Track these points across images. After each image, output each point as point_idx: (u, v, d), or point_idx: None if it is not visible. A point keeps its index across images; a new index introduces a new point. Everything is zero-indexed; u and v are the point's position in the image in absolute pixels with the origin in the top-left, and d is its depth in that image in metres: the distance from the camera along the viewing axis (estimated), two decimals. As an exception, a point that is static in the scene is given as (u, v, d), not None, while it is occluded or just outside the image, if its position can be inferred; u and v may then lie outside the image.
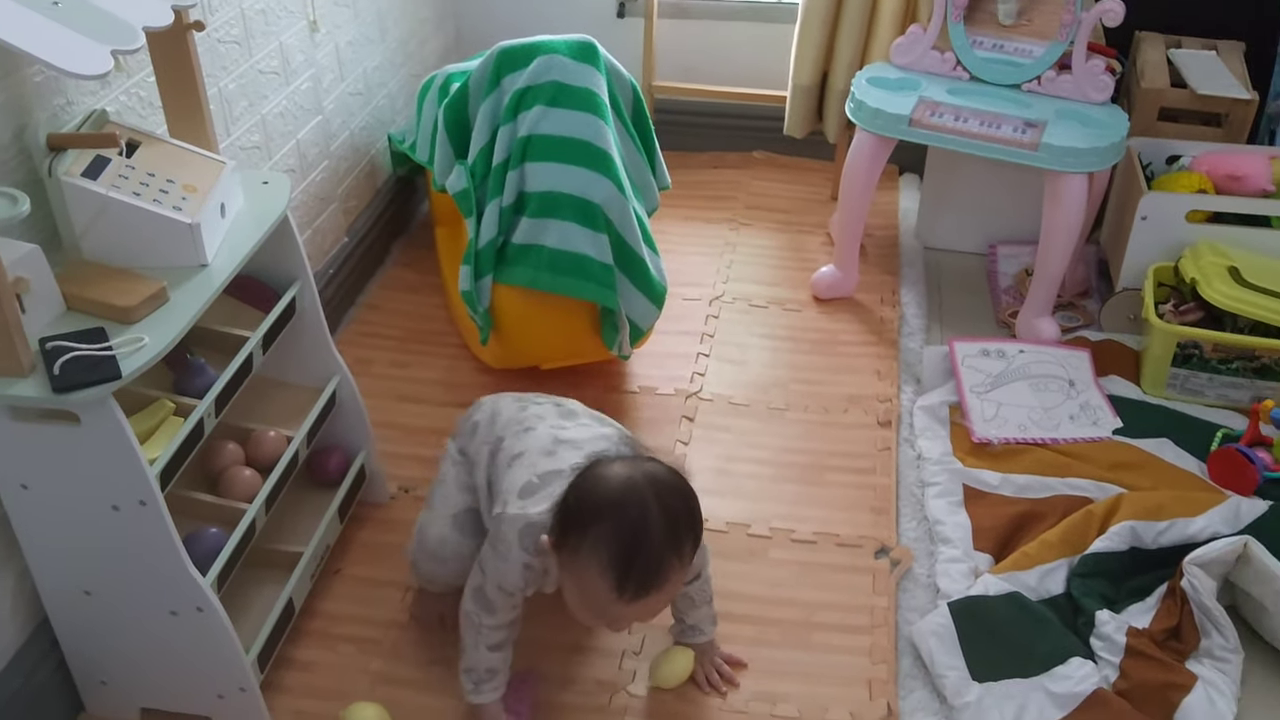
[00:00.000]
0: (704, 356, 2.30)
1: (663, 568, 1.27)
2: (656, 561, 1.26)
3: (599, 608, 1.31)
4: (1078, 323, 2.42)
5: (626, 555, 1.25)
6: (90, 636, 1.49)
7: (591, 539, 1.27)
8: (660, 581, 1.27)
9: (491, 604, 1.44)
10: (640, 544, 1.25)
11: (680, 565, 1.30)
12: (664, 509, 1.27)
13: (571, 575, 1.32)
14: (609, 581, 1.26)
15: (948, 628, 1.65)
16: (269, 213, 1.57)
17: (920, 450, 2.05)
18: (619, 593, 1.26)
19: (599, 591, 1.28)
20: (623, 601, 1.27)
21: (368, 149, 2.49)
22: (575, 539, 1.29)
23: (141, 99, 1.63)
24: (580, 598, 1.33)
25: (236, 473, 1.63)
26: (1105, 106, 2.24)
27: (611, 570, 1.25)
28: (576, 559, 1.29)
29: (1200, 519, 1.77)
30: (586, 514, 1.29)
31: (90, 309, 1.34)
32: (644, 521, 1.26)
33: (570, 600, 1.35)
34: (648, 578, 1.26)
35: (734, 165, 3.03)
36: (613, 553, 1.25)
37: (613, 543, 1.25)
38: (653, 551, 1.26)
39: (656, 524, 1.26)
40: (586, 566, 1.28)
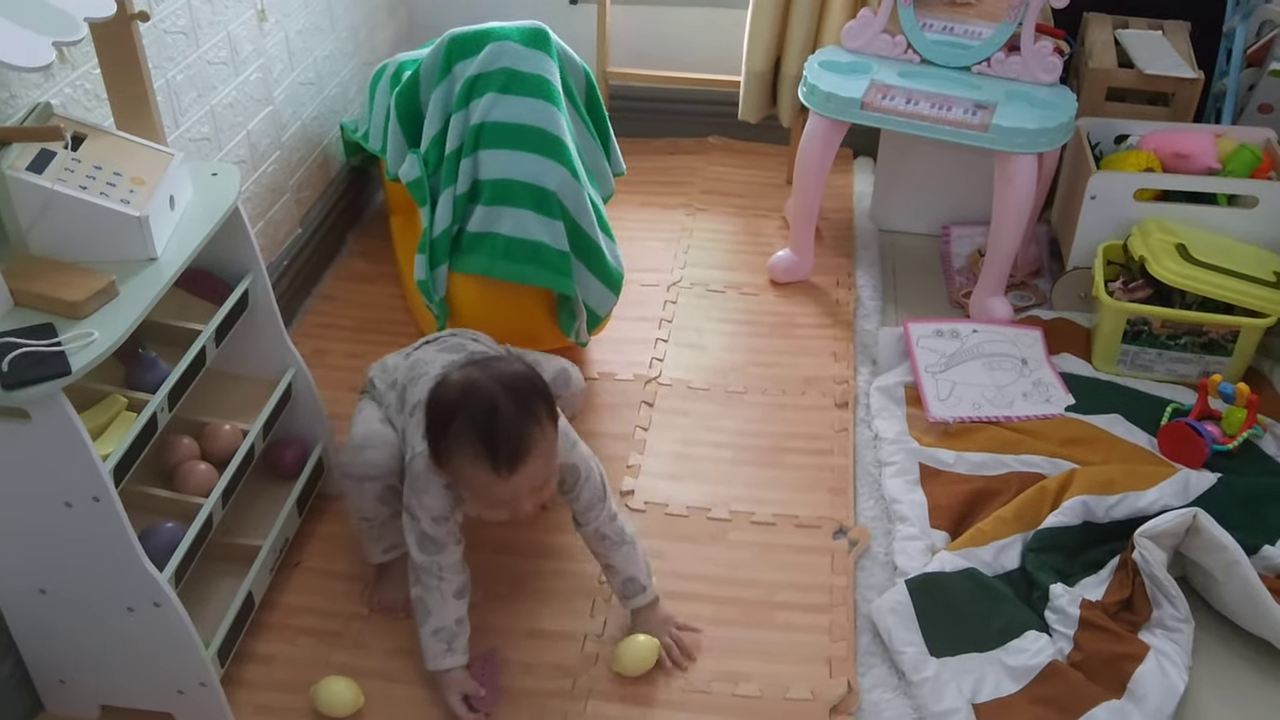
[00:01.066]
0: (662, 342, 2.31)
1: (524, 435, 1.39)
2: (515, 431, 1.38)
3: (492, 495, 1.42)
4: (1030, 302, 2.45)
5: (486, 435, 1.38)
6: (47, 635, 1.47)
7: (454, 436, 1.40)
8: (528, 448, 1.39)
9: (437, 541, 1.52)
10: (493, 419, 1.38)
11: (542, 432, 1.41)
12: (505, 388, 1.40)
13: (459, 479, 1.45)
14: (483, 464, 1.38)
15: (905, 605, 1.68)
16: (219, 204, 1.55)
17: (877, 430, 2.07)
18: (495, 470, 1.38)
19: (481, 479, 1.40)
20: (503, 478, 1.39)
21: (320, 139, 2.47)
22: (444, 445, 1.42)
23: (87, 91, 1.61)
24: (474, 495, 1.45)
25: (192, 467, 1.62)
26: (1054, 87, 2.27)
27: (481, 454, 1.38)
28: (453, 461, 1.42)
29: (1151, 492, 1.81)
30: (443, 419, 1.41)
31: (38, 304, 1.32)
32: (491, 401, 1.39)
33: (472, 505, 1.49)
34: (514, 446, 1.38)
35: (689, 151, 3.04)
36: (474, 438, 1.38)
37: (470, 430, 1.38)
38: (509, 422, 1.38)
39: (502, 400, 1.39)
40: (462, 463, 1.40)
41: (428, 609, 1.54)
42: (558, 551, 1.81)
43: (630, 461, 2.00)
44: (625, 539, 1.63)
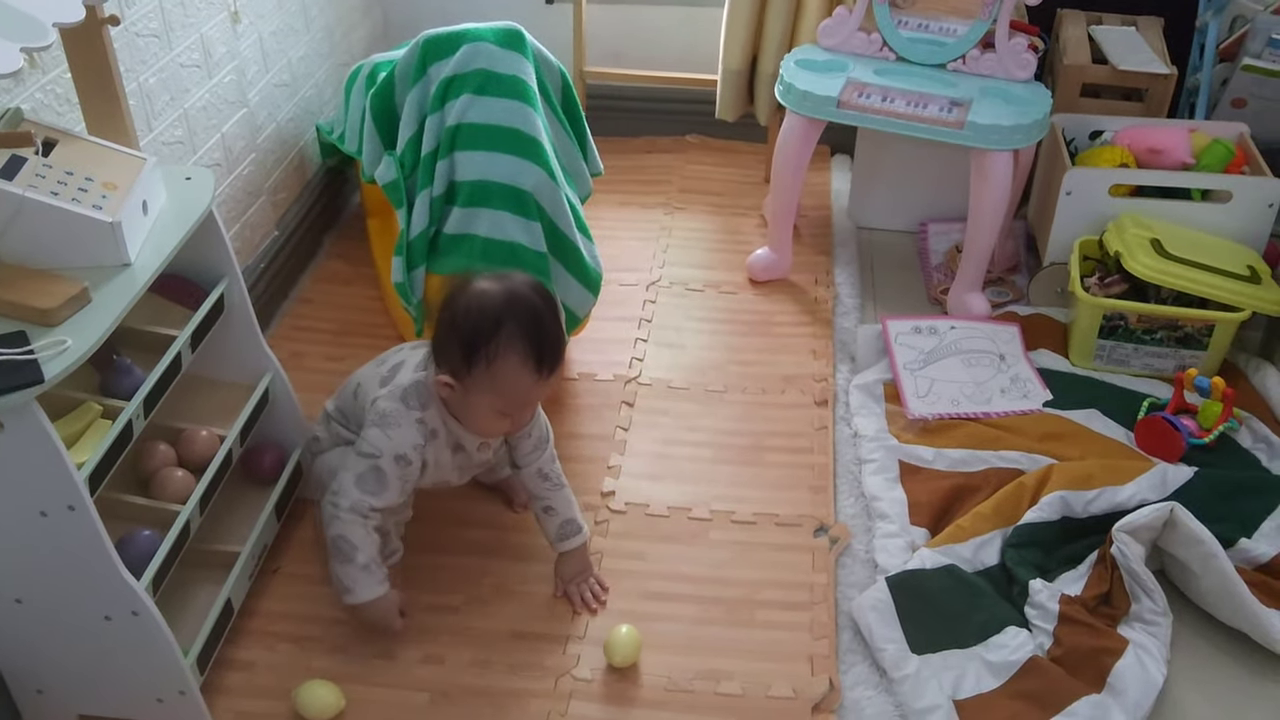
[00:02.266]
0: (642, 341, 2.31)
1: (562, 338, 1.52)
2: (558, 334, 1.51)
3: (526, 397, 1.53)
4: (1007, 298, 2.46)
5: (538, 340, 1.47)
6: (24, 645, 1.46)
7: (505, 340, 1.46)
8: (564, 350, 1.53)
9: (385, 479, 1.55)
10: (541, 324, 1.48)
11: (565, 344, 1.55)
12: (545, 300, 1.51)
13: (483, 389, 1.50)
14: (529, 366, 1.48)
15: (886, 602, 1.68)
16: (193, 209, 1.54)
17: (856, 428, 2.08)
18: (539, 371, 1.49)
19: (525, 381, 1.49)
20: (543, 379, 1.50)
21: (296, 140, 2.46)
22: (485, 351, 1.47)
23: (58, 95, 1.60)
24: (494, 401, 1.51)
25: (168, 474, 1.61)
26: (1028, 84, 2.28)
27: (529, 356, 1.47)
28: (491, 368, 1.47)
29: (1128, 487, 1.82)
30: (488, 326, 1.47)
31: (9, 312, 1.31)
32: (535, 307, 1.49)
33: (477, 417, 1.55)
34: (556, 349, 1.50)
35: (667, 149, 3.04)
36: (525, 342, 1.47)
37: (521, 334, 1.46)
38: (552, 330, 1.50)
39: (543, 311, 1.50)
40: (506, 366, 1.47)
41: (354, 545, 1.56)
42: (540, 554, 1.81)
43: (611, 462, 2.00)
44: (563, 482, 1.72)
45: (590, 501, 1.91)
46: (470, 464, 1.68)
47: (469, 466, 1.69)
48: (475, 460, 1.67)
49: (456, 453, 1.63)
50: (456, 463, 1.65)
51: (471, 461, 1.67)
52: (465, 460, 1.66)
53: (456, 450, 1.63)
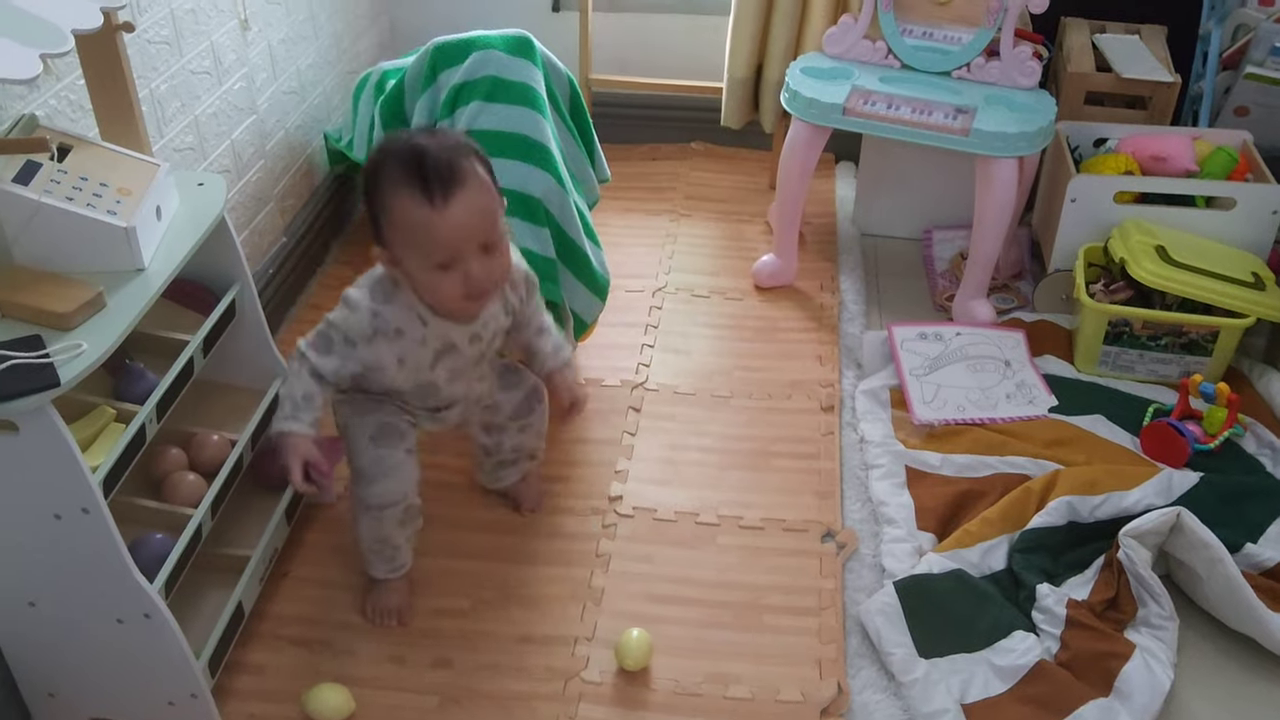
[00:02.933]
0: (648, 347, 2.32)
1: (454, 165, 1.38)
2: (445, 160, 1.37)
3: (433, 239, 1.39)
4: (1012, 304, 2.47)
5: (415, 164, 1.37)
6: (36, 648, 1.47)
7: (387, 184, 1.39)
8: (460, 175, 1.38)
9: (330, 346, 1.51)
10: (421, 153, 1.37)
11: (473, 168, 1.40)
12: (426, 132, 1.44)
13: (403, 246, 1.41)
14: (416, 195, 1.36)
15: (894, 606, 1.69)
16: (205, 214, 1.56)
17: (863, 433, 2.09)
18: (429, 199, 1.36)
19: (418, 216, 1.37)
20: (439, 210, 1.37)
21: (304, 148, 2.47)
22: (380, 203, 1.40)
23: (71, 102, 1.61)
24: (420, 257, 1.41)
25: (180, 478, 1.62)
26: (1033, 92, 2.29)
27: (412, 183, 1.36)
28: (391, 219, 1.40)
29: (1134, 492, 1.83)
30: (372, 178, 1.41)
31: (26, 316, 1.32)
32: (413, 139, 1.40)
33: (425, 284, 1.45)
34: (444, 173, 1.37)
35: (672, 156, 3.05)
36: (403, 170, 1.37)
37: (398, 166, 1.38)
38: (435, 154, 1.37)
39: (426, 138, 1.40)
40: (398, 209, 1.38)
41: (289, 389, 1.51)
42: (547, 557, 1.82)
43: (618, 467, 2.00)
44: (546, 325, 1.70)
45: (598, 505, 1.92)
46: (465, 364, 1.59)
47: (465, 368, 1.60)
48: (468, 358, 1.58)
49: (446, 354, 1.56)
50: (448, 365, 1.57)
51: (465, 360, 1.58)
52: (458, 361, 1.57)
53: (446, 351, 1.55)
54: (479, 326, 1.56)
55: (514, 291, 1.61)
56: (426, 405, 1.66)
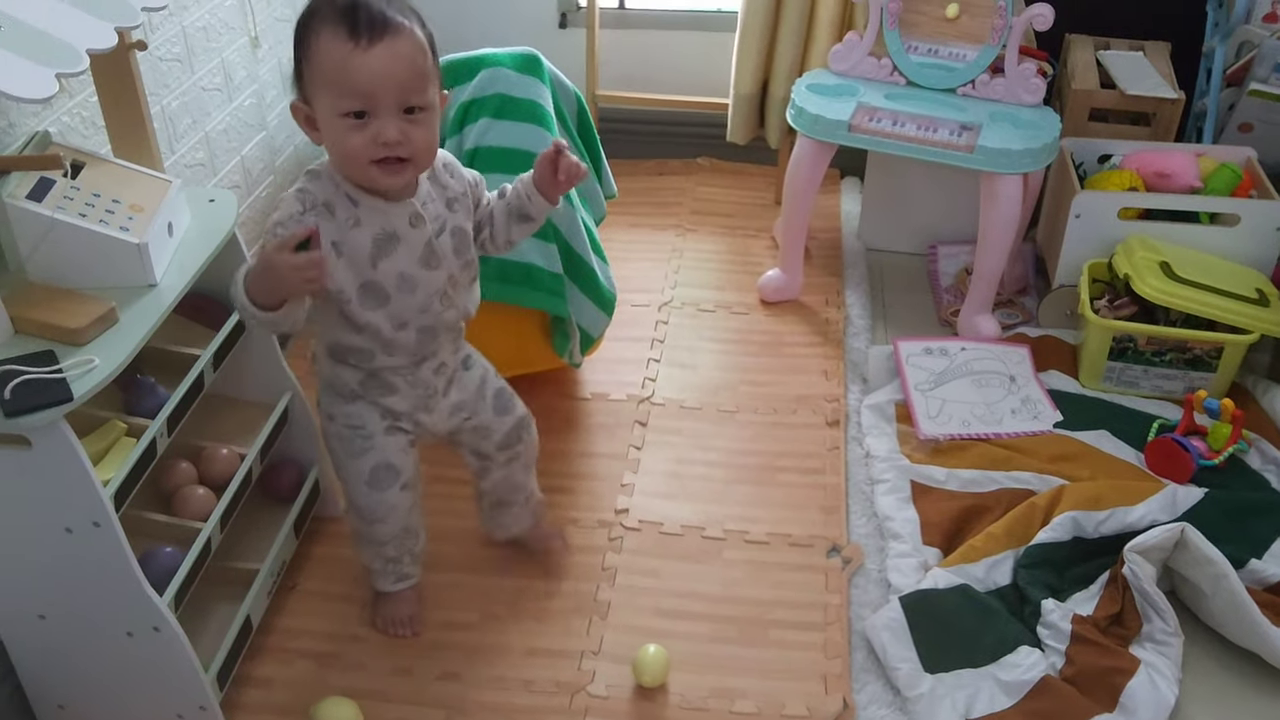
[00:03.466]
0: (654, 362, 2.33)
1: (386, 15, 1.28)
2: (377, 9, 1.28)
3: (350, 75, 1.27)
4: (1017, 319, 2.47)
5: (348, 6, 1.27)
6: (46, 660, 1.48)
7: (315, 21, 1.29)
8: (390, 23, 1.28)
9: None
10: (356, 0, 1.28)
11: (409, 25, 1.30)
12: None
13: (318, 88, 1.30)
14: (341, 32, 1.27)
15: (899, 621, 1.69)
16: (217, 230, 1.57)
17: (868, 448, 2.09)
18: (353, 36, 1.26)
19: (338, 52, 1.27)
20: (363, 49, 1.26)
21: (314, 163, 2.48)
22: (305, 42, 1.30)
23: (84, 119, 1.63)
24: (333, 101, 1.29)
25: (190, 491, 1.63)
26: (1037, 108, 2.30)
27: (339, 22, 1.27)
28: (311, 56, 1.29)
29: (1139, 508, 1.83)
30: (305, 17, 1.31)
31: (39, 331, 1.33)
32: None
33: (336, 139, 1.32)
34: (374, 17, 1.27)
35: (678, 172, 3.07)
36: (334, 10, 1.28)
37: (330, 6, 1.28)
38: (370, 2, 1.28)
39: None
40: (319, 45, 1.28)
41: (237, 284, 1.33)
42: (553, 571, 1.82)
43: (624, 480, 2.01)
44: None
45: (604, 518, 1.93)
46: (414, 266, 1.41)
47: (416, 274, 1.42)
48: (416, 252, 1.41)
49: (388, 245, 1.39)
50: (394, 264, 1.40)
51: (412, 257, 1.41)
52: (405, 259, 1.40)
53: (387, 241, 1.39)
54: (417, 205, 1.41)
55: (452, 176, 1.48)
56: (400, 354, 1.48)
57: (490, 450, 1.69)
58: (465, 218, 1.49)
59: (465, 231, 1.49)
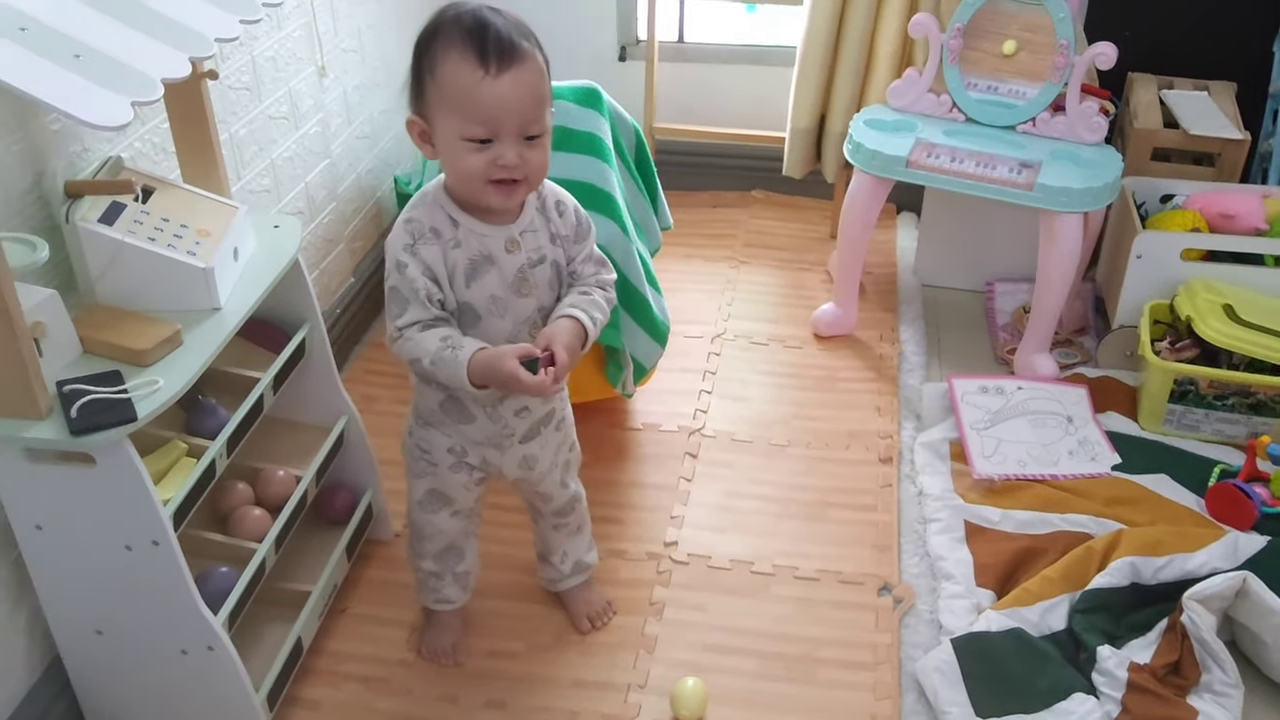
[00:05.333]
0: (706, 393, 2.33)
1: (514, 42, 1.31)
2: (506, 35, 1.30)
3: (476, 101, 1.29)
4: (1075, 359, 2.44)
5: (478, 30, 1.30)
6: (102, 676, 1.50)
7: (441, 44, 1.31)
8: (518, 51, 1.30)
9: (400, 299, 1.40)
10: (484, 23, 1.31)
11: (532, 53, 1.32)
12: (494, 11, 1.34)
13: (439, 110, 1.33)
14: (470, 58, 1.29)
15: (951, 664, 1.67)
16: (280, 256, 1.60)
17: (921, 486, 2.07)
18: (483, 63, 1.28)
19: (466, 78, 1.29)
20: (491, 76, 1.28)
21: (374, 191, 2.53)
22: (428, 61, 1.32)
23: (155, 145, 1.67)
24: (456, 125, 1.31)
25: (246, 512, 1.65)
26: (1099, 147, 2.28)
27: (469, 46, 1.29)
28: (436, 77, 1.31)
29: (1199, 554, 1.79)
30: (428, 36, 1.33)
31: (106, 352, 1.37)
32: (478, 13, 1.32)
33: (454, 160, 1.34)
34: (503, 43, 1.29)
35: (733, 204, 3.07)
36: (463, 34, 1.30)
37: (458, 30, 1.30)
38: (499, 27, 1.31)
39: (490, 14, 1.32)
40: (446, 68, 1.30)
41: (422, 349, 1.39)
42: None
43: (674, 513, 2.01)
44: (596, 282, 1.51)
45: (653, 550, 1.93)
46: (506, 292, 1.42)
47: (507, 298, 1.42)
48: (509, 278, 1.41)
49: (483, 267, 1.40)
50: (487, 286, 1.41)
51: (505, 282, 1.41)
52: (497, 282, 1.41)
53: (483, 264, 1.40)
54: (515, 232, 1.42)
55: (560, 216, 1.47)
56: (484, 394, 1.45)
57: (544, 510, 1.72)
58: (565, 257, 1.50)
59: (562, 268, 1.49)
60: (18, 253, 1.28)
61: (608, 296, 1.51)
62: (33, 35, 1.17)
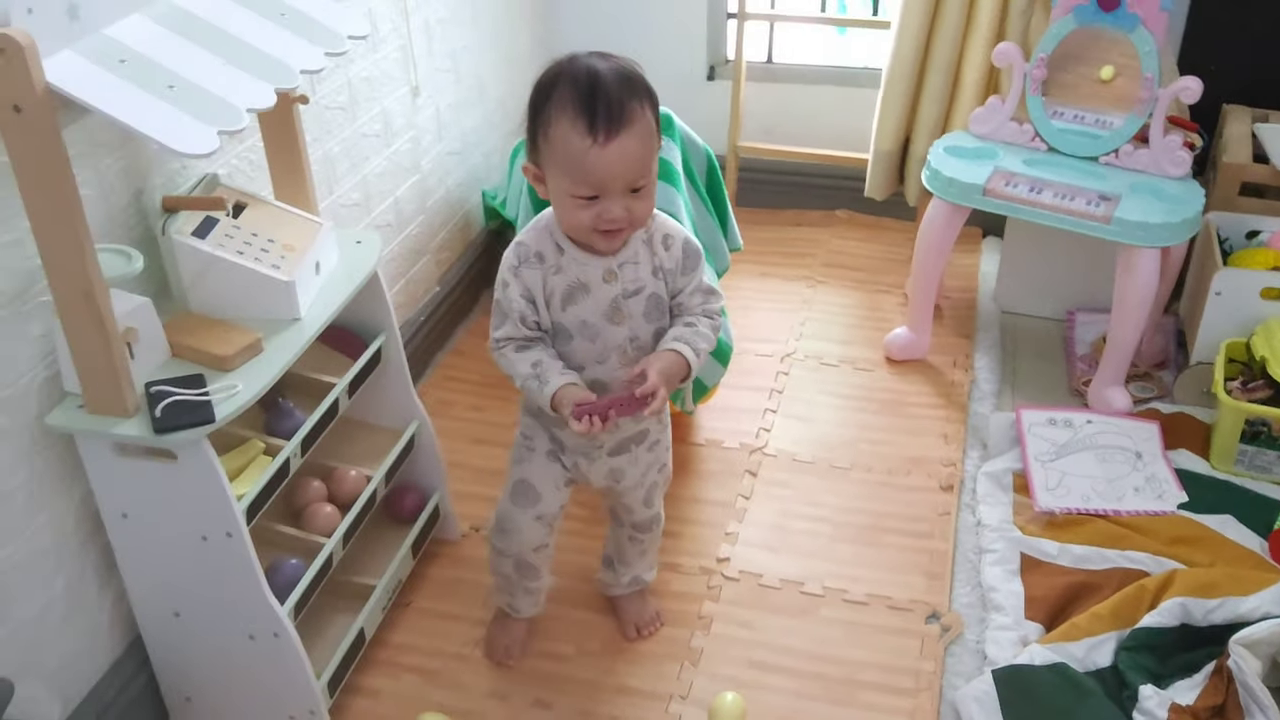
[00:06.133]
0: (771, 412, 2.37)
1: (624, 105, 1.36)
2: (616, 99, 1.36)
3: (585, 169, 1.37)
4: (1152, 393, 2.41)
5: (588, 96, 1.35)
6: (177, 655, 1.62)
7: (555, 105, 1.38)
8: (628, 117, 1.36)
9: (499, 307, 1.53)
10: (596, 85, 1.36)
11: (642, 111, 1.39)
12: (607, 63, 1.39)
13: (551, 165, 1.41)
14: (580, 126, 1.35)
15: (990, 695, 1.68)
16: (360, 270, 1.70)
17: (980, 516, 2.08)
18: (592, 132, 1.35)
19: (576, 145, 1.36)
20: (599, 145, 1.35)
21: (461, 204, 2.63)
22: (543, 122, 1.40)
23: (251, 162, 1.78)
24: (565, 183, 1.40)
25: (318, 508, 1.75)
26: (1182, 181, 2.25)
27: (579, 115, 1.35)
28: (549, 136, 1.39)
29: (1253, 599, 1.77)
30: (543, 93, 1.40)
31: (192, 356, 1.48)
32: (592, 70, 1.38)
33: (563, 208, 1.44)
34: (613, 110, 1.35)
35: (815, 224, 3.10)
36: (574, 98, 1.36)
37: (571, 92, 1.36)
38: (610, 90, 1.36)
39: (604, 71, 1.38)
40: (557, 130, 1.37)
41: (512, 365, 1.53)
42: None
43: (729, 529, 2.06)
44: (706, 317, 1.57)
45: (706, 565, 1.98)
46: (599, 311, 1.50)
47: (600, 325, 1.51)
48: (603, 305, 1.50)
49: (579, 293, 1.49)
50: (581, 311, 1.50)
51: (599, 305, 1.50)
52: (592, 309, 1.50)
53: (579, 290, 1.49)
54: (615, 264, 1.50)
55: (666, 250, 1.53)
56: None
57: (624, 520, 1.79)
58: (667, 291, 1.56)
59: (661, 300, 1.55)
60: (114, 263, 1.40)
61: (714, 324, 1.58)
62: (131, 67, 1.28)
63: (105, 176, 1.48)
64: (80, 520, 1.51)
